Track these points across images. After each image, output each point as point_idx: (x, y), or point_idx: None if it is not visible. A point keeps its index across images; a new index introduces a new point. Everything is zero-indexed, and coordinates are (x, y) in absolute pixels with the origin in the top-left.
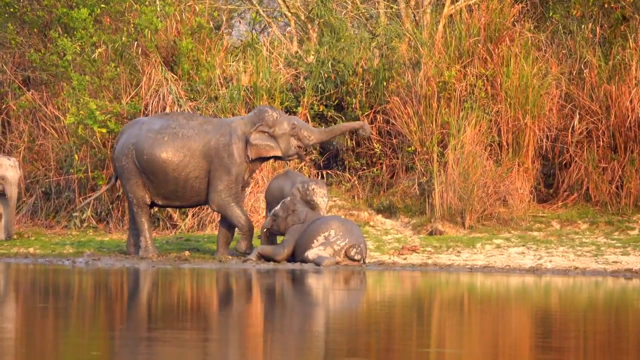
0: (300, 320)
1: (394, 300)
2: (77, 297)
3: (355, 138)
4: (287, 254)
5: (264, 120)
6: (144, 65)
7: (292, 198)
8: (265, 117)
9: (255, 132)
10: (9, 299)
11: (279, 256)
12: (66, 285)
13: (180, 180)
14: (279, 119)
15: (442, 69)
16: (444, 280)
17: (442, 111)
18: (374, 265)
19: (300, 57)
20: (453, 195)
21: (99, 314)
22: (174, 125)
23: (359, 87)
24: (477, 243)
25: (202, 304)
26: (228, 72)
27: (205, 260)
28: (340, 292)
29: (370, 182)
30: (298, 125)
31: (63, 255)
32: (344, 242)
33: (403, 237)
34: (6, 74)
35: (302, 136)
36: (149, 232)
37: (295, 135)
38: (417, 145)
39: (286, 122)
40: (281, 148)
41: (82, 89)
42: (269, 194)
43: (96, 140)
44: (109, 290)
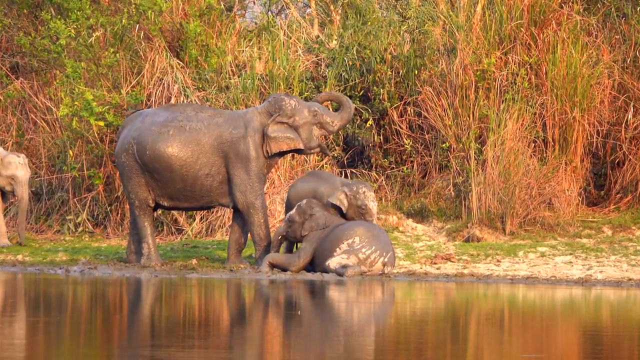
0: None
1: (425, 315)
2: (71, 311)
3: (383, 133)
4: (304, 263)
5: (281, 109)
6: (146, 51)
7: (309, 200)
8: (282, 106)
9: (273, 123)
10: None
11: (293, 266)
12: (59, 297)
13: (189, 178)
14: (297, 107)
15: (481, 56)
16: (481, 293)
17: (480, 103)
18: (404, 276)
19: (322, 42)
20: (492, 197)
21: (96, 329)
22: (181, 117)
23: (387, 76)
24: (519, 251)
25: (211, 319)
26: (241, 59)
27: (215, 270)
28: (366, 306)
29: (399, 183)
30: (319, 112)
31: (55, 264)
32: (369, 250)
33: (436, 244)
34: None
35: (325, 123)
36: (152, 237)
37: (318, 123)
38: (452, 141)
39: (306, 109)
40: (303, 139)
41: (77, 77)
42: (297, 198)
43: (93, 134)
44: (107, 302)
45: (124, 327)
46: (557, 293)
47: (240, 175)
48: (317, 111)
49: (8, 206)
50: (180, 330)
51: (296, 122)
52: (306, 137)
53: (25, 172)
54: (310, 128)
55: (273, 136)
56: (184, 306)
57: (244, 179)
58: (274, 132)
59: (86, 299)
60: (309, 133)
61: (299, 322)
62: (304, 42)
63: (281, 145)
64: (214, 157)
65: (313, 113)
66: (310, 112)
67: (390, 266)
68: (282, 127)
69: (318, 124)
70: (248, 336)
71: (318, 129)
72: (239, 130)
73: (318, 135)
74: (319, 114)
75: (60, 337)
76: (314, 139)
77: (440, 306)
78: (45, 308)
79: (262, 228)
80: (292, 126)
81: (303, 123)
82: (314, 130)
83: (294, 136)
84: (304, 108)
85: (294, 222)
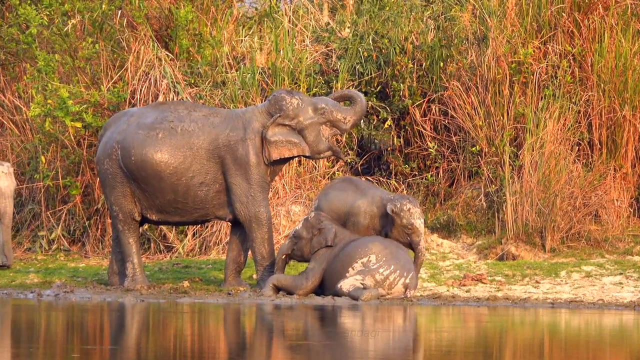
0: None
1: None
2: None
3: (404, 135)
4: (312, 286)
5: (282, 110)
6: (130, 41)
7: (317, 214)
8: (283, 105)
9: (273, 125)
10: None
11: (300, 289)
12: (29, 326)
13: (180, 188)
14: (301, 106)
15: (516, 46)
16: (518, 319)
17: (515, 100)
18: (428, 300)
19: (333, 31)
20: (530, 209)
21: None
22: (172, 117)
23: (408, 69)
24: (562, 271)
25: (206, 351)
26: (239, 50)
27: (210, 293)
28: (385, 335)
29: (423, 192)
30: (328, 109)
31: (26, 287)
32: (388, 270)
33: (465, 263)
34: None
35: (336, 121)
36: (138, 256)
37: (328, 121)
38: (484, 145)
39: (311, 107)
40: (309, 143)
41: (51, 71)
42: (330, 210)
43: (69, 137)
44: (86, 332)
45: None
46: (606, 319)
47: (240, 184)
48: (325, 108)
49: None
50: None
51: (300, 124)
52: (313, 140)
53: (10, 183)
54: (317, 129)
55: (273, 140)
56: (174, 336)
57: (244, 188)
58: (273, 136)
59: (61, 328)
60: (316, 135)
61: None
62: (312, 31)
63: (282, 151)
64: (209, 163)
65: (320, 111)
66: (316, 111)
67: (413, 288)
68: (283, 130)
69: (328, 123)
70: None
71: (328, 129)
72: (237, 132)
73: (328, 136)
74: (327, 111)
75: None
76: (323, 141)
77: (470, 335)
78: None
79: (265, 245)
80: (296, 128)
81: (309, 124)
82: (323, 130)
83: (297, 140)
84: (309, 106)
85: (300, 239)
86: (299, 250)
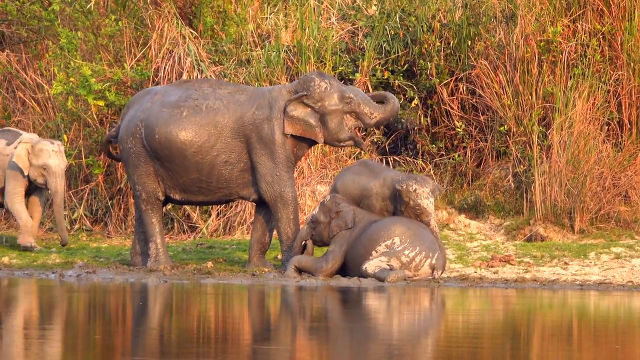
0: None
1: (480, 328)
2: (65, 323)
3: (431, 114)
4: (332, 269)
5: (308, 90)
6: (153, 19)
7: (333, 196)
8: (310, 86)
9: (296, 102)
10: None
11: (320, 272)
12: (51, 306)
13: (204, 166)
14: (328, 91)
15: (545, 24)
16: (546, 301)
17: (544, 79)
18: (455, 281)
19: (359, 9)
20: (559, 189)
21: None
22: (196, 95)
23: (436, 47)
24: (591, 252)
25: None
26: (264, 28)
27: (234, 274)
28: (410, 317)
29: (450, 172)
30: (355, 100)
31: (48, 267)
32: (413, 251)
33: (493, 244)
34: None
35: (361, 113)
36: (161, 236)
37: (352, 112)
38: (512, 124)
39: (338, 94)
40: (329, 129)
41: (73, 49)
42: (344, 191)
43: (91, 115)
44: (108, 313)
45: (127, 341)
46: (635, 301)
47: (265, 163)
48: (352, 98)
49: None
50: (194, 346)
51: (324, 108)
52: (334, 127)
53: (60, 161)
54: (341, 117)
55: (290, 114)
56: (197, 317)
57: (269, 167)
58: (292, 111)
59: (83, 309)
60: (338, 122)
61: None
62: (338, 8)
63: (296, 128)
64: (234, 141)
65: (347, 100)
66: (343, 99)
67: (440, 270)
68: (304, 110)
69: (352, 114)
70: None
71: (353, 119)
72: (264, 110)
73: (351, 126)
74: (354, 102)
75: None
76: (344, 130)
77: (497, 318)
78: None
79: (291, 225)
80: (318, 112)
81: (332, 110)
82: (347, 119)
83: (314, 124)
84: (336, 92)
85: (318, 223)
86: (318, 234)
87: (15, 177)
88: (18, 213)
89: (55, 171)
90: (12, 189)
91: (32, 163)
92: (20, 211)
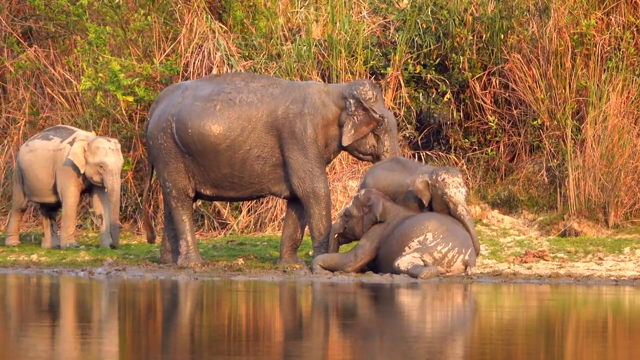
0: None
1: (514, 324)
2: (95, 320)
3: (464, 109)
4: (362, 263)
5: (354, 92)
6: (183, 13)
7: (368, 191)
8: (358, 89)
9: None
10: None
11: (349, 266)
12: (80, 304)
13: (237, 161)
14: (370, 102)
15: (579, 17)
16: (580, 297)
17: (578, 73)
18: (488, 277)
19: (390, 2)
20: (593, 184)
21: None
22: (229, 89)
23: (468, 41)
24: (625, 247)
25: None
26: (294, 22)
27: (265, 271)
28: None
29: (483, 167)
30: (386, 126)
31: (76, 265)
32: (446, 247)
33: (526, 240)
34: (0, 24)
35: (380, 141)
36: (192, 233)
37: (377, 133)
38: (545, 118)
39: (376, 109)
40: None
41: (102, 43)
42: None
43: (120, 111)
44: (137, 311)
45: (157, 339)
46: None
47: (298, 158)
48: (384, 122)
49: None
50: (225, 344)
51: (358, 115)
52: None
53: (117, 159)
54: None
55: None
56: (228, 315)
57: (301, 162)
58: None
59: (112, 306)
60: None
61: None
62: (369, 2)
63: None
64: (267, 136)
65: (380, 121)
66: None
67: (473, 265)
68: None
69: (375, 135)
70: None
71: (373, 140)
72: (297, 105)
73: (372, 144)
74: (383, 126)
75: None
76: (365, 144)
77: (531, 314)
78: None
79: (323, 221)
80: (351, 115)
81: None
82: (370, 137)
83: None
84: (375, 107)
85: (351, 217)
86: (351, 228)
87: (68, 173)
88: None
89: (112, 169)
90: (67, 187)
91: (89, 161)
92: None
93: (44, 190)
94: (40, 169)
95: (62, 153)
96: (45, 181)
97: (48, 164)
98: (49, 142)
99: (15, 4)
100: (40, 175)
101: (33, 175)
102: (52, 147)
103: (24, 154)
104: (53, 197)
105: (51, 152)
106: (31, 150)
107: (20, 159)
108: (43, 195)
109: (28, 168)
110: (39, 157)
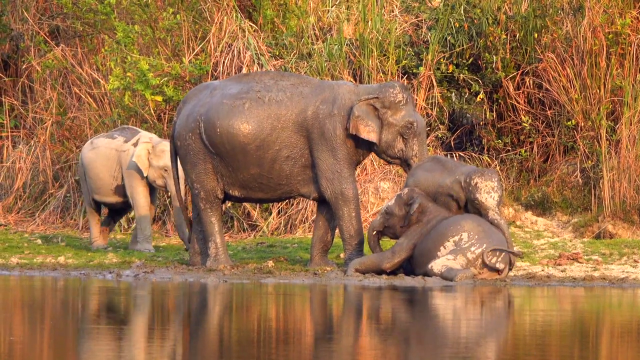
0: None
1: (548, 328)
2: (122, 323)
3: (497, 109)
4: (399, 260)
5: (384, 94)
6: (212, 12)
7: (411, 189)
8: (388, 91)
9: (364, 102)
10: (24, 323)
11: (387, 261)
12: (108, 307)
13: (266, 161)
14: (400, 105)
15: (614, 16)
16: (615, 300)
17: (613, 72)
18: (522, 280)
19: (423, 1)
20: (628, 185)
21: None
22: (258, 88)
23: (501, 40)
24: None
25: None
26: (325, 21)
27: (296, 274)
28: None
29: (516, 168)
30: (415, 130)
31: (104, 267)
32: (480, 249)
33: (561, 242)
34: (27, 23)
35: (408, 145)
36: (221, 235)
37: (406, 137)
38: (580, 119)
39: (406, 112)
40: (381, 137)
41: (130, 43)
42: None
43: (149, 111)
44: (166, 313)
45: (186, 343)
46: None
47: (326, 159)
48: (413, 127)
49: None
50: (254, 348)
51: (386, 117)
52: (386, 139)
53: None
54: (395, 135)
55: (356, 114)
56: (258, 318)
57: (330, 163)
58: (357, 110)
59: (141, 310)
60: (391, 138)
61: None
62: (401, 1)
63: (359, 127)
64: (296, 135)
65: (408, 123)
66: (405, 120)
67: (507, 268)
68: (369, 110)
69: (404, 140)
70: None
71: (401, 144)
72: (327, 105)
73: (400, 148)
74: (412, 130)
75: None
76: (393, 147)
77: (566, 317)
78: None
79: (354, 223)
80: (381, 118)
81: (391, 123)
82: (398, 141)
83: (374, 125)
84: (405, 110)
85: (392, 215)
86: (391, 226)
87: (133, 175)
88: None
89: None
90: (135, 188)
91: (152, 164)
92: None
93: (105, 189)
94: (102, 167)
95: (126, 155)
96: (107, 180)
97: (110, 163)
98: (112, 140)
99: (42, 3)
100: (102, 173)
101: (94, 173)
102: (114, 147)
103: (86, 151)
104: (114, 197)
105: (114, 152)
106: (94, 148)
107: (83, 156)
108: (103, 194)
109: (89, 165)
110: (100, 155)
